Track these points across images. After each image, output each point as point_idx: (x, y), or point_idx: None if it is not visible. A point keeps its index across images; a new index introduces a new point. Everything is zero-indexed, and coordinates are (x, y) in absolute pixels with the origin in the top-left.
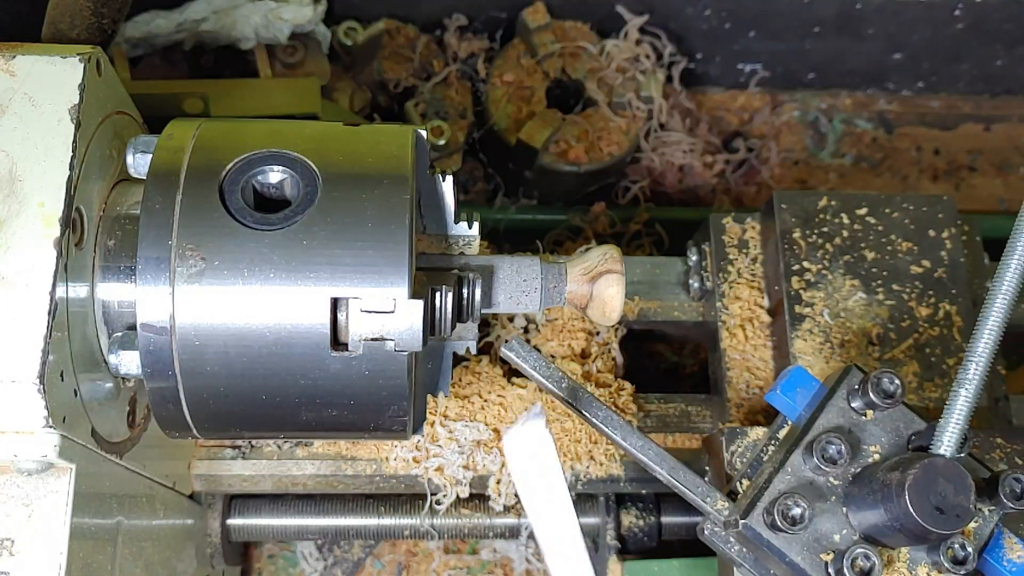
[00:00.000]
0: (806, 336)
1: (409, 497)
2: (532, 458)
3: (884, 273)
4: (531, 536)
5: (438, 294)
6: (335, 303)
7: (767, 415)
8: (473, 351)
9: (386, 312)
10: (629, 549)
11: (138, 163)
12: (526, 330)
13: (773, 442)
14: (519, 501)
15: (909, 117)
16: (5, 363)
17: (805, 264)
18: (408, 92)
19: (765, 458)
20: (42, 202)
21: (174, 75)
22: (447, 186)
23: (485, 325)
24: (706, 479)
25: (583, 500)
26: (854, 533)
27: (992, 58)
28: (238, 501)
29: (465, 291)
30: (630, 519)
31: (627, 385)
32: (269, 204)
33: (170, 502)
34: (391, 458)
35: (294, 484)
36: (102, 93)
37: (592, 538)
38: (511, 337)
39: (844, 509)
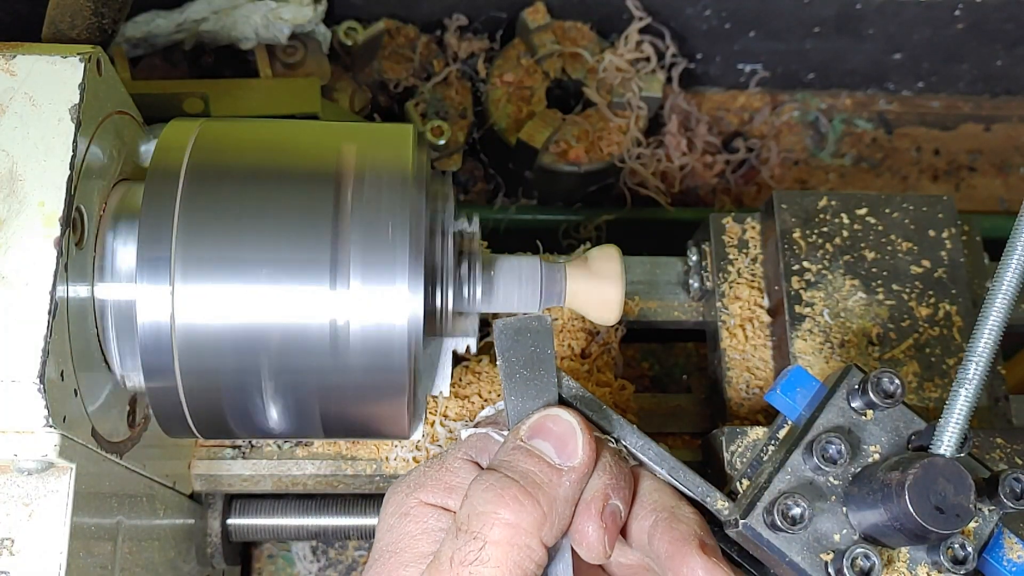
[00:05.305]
0: (806, 336)
1: None
2: None
3: (884, 273)
4: None
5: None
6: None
7: (767, 415)
8: (473, 350)
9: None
10: None
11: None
12: None
13: (773, 442)
14: None
15: (909, 117)
16: (5, 363)
17: (805, 264)
18: (408, 92)
19: (765, 458)
20: (42, 201)
21: (174, 75)
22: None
23: (485, 325)
24: (706, 479)
25: None
26: (854, 533)
27: (992, 58)
28: (238, 501)
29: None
30: None
31: (627, 385)
32: None
33: (170, 502)
34: (391, 458)
35: (294, 484)
36: (102, 93)
37: None
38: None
39: (844, 509)
